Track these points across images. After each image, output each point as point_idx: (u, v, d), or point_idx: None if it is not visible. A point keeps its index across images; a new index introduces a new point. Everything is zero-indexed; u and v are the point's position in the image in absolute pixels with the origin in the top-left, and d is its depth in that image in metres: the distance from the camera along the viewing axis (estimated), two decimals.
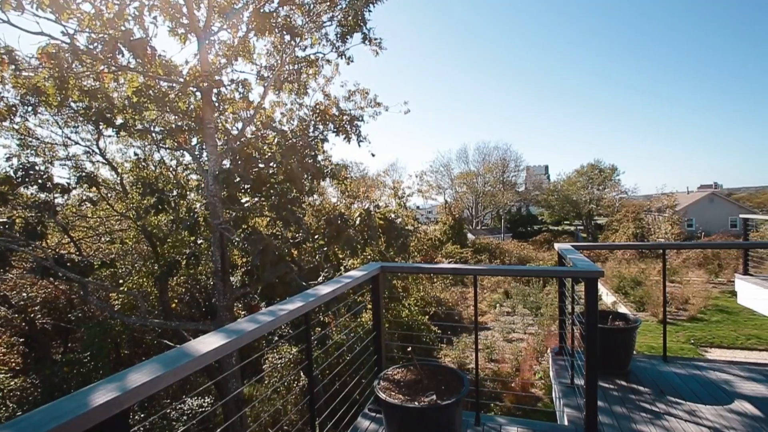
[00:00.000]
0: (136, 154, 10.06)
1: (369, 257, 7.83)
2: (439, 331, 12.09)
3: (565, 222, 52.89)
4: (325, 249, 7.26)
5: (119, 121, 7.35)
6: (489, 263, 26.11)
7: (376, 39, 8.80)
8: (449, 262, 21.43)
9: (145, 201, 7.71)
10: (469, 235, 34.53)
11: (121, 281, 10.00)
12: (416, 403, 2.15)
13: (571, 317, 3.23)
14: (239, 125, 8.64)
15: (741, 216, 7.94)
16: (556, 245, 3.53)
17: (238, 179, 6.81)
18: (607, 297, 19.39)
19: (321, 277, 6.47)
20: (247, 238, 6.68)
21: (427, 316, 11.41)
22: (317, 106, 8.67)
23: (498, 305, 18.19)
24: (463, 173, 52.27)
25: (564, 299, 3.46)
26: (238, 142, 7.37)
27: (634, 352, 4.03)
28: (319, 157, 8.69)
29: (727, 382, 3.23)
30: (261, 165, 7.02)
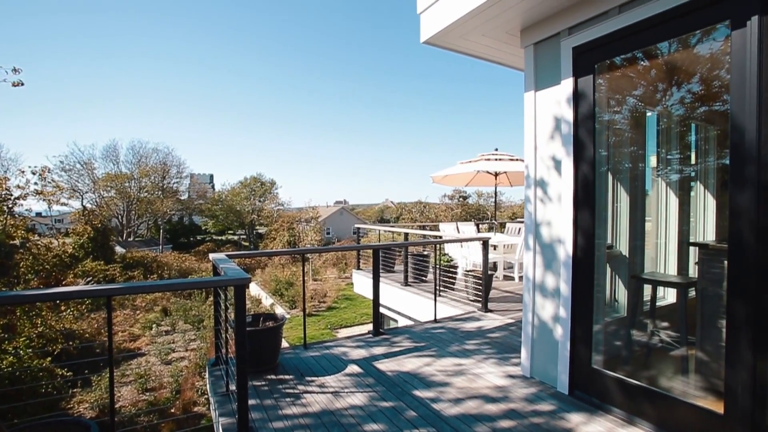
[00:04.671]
0: None
1: None
2: (70, 373, 9.47)
3: (230, 231, 54.17)
4: None
5: None
6: (144, 279, 23.03)
7: None
8: (87, 282, 17.31)
9: None
10: (118, 248, 29.28)
11: None
12: None
13: (225, 325, 3.27)
14: None
15: (356, 225, 10.67)
16: (211, 255, 3.50)
17: None
18: (266, 300, 21.21)
19: None
20: None
21: (49, 357, 8.69)
22: None
23: (155, 325, 16.28)
24: (111, 175, 43.80)
25: (219, 308, 3.47)
26: None
27: (286, 346, 4.55)
28: None
29: (344, 353, 4.17)
30: None
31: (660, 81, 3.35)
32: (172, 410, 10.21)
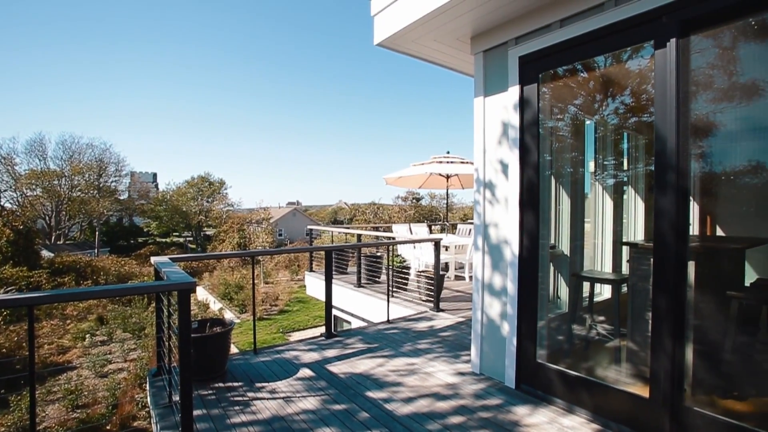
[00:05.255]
0: None
1: None
2: None
3: (175, 233, 51.40)
4: None
5: None
6: (76, 286, 21.25)
7: None
8: (5, 291, 15.72)
9: None
10: (45, 253, 26.80)
11: None
12: None
13: (168, 332, 3.10)
14: None
15: (308, 227, 10.50)
16: (153, 259, 3.30)
17: None
18: (214, 304, 20.32)
19: None
20: None
21: None
22: None
23: (89, 335, 15.07)
24: (36, 171, 39.91)
25: (161, 315, 3.27)
26: None
27: (235, 351, 4.38)
28: None
29: (296, 357, 4.09)
30: None
31: (597, 92, 3.60)
32: (108, 427, 9.48)
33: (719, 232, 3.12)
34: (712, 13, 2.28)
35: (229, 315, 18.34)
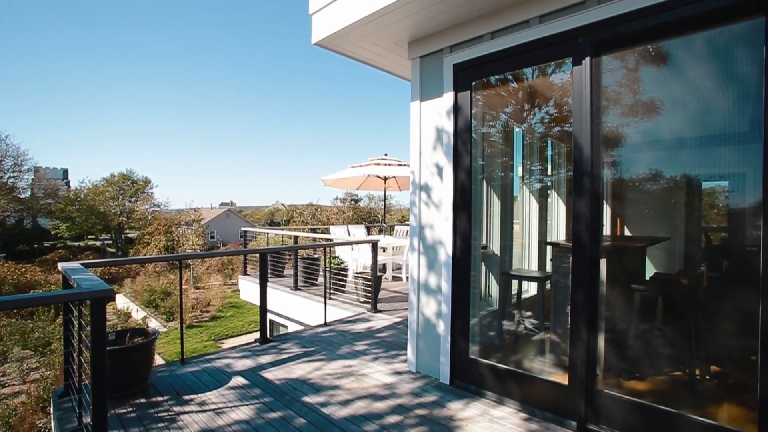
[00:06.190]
0: None
1: None
2: None
3: (90, 236, 46.51)
4: None
5: None
6: None
7: None
8: None
9: None
10: None
11: None
12: None
13: (79, 347, 2.79)
14: None
15: (242, 228, 10.07)
16: (60, 265, 2.95)
17: None
18: (137, 313, 18.73)
19: None
20: None
21: None
22: None
23: None
24: None
25: (71, 327, 2.94)
26: None
27: (160, 363, 4.05)
28: None
29: (228, 366, 3.89)
30: None
31: (525, 102, 3.85)
32: None
33: (627, 233, 3.48)
34: (617, 38, 2.55)
35: (154, 324, 17.02)
